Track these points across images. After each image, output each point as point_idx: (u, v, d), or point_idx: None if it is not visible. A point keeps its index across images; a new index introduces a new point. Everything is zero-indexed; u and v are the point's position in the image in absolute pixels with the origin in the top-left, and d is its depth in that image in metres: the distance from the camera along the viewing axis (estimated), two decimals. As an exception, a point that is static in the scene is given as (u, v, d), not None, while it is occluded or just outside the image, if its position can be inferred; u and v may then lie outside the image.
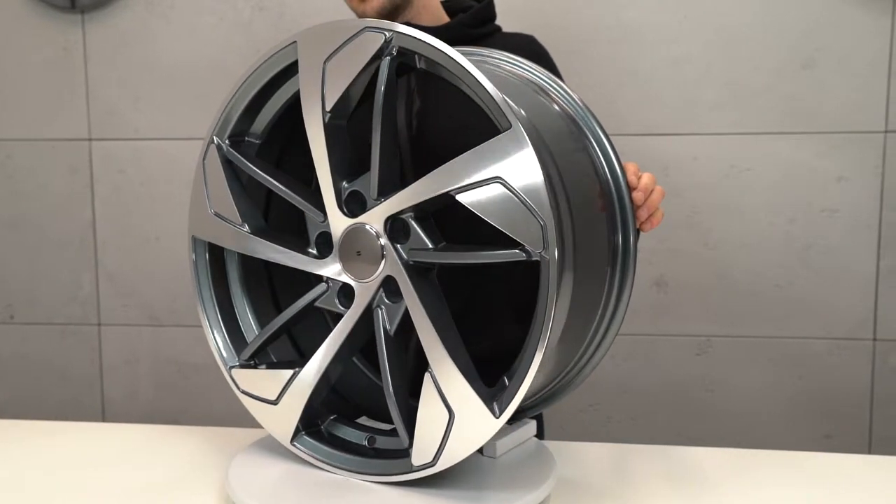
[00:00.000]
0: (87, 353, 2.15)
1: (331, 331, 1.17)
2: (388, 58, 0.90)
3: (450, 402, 0.88)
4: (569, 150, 0.96)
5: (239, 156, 1.05)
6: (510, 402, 0.85)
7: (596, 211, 0.96)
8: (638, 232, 1.02)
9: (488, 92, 0.83)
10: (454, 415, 0.88)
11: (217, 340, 1.09)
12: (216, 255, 1.12)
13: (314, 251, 1.01)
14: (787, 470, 1.09)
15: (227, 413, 2.13)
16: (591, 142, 1.02)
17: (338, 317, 1.00)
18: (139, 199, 2.08)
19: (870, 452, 1.93)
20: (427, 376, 0.89)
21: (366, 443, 1.03)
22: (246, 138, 1.08)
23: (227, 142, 1.06)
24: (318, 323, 1.14)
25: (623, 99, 1.90)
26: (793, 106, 1.86)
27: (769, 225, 1.90)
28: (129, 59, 2.03)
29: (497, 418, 0.85)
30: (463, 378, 0.87)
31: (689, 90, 1.89)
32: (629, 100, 1.89)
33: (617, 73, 1.90)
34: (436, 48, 0.87)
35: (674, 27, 1.87)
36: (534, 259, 0.82)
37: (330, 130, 0.95)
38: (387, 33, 0.89)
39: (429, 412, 0.90)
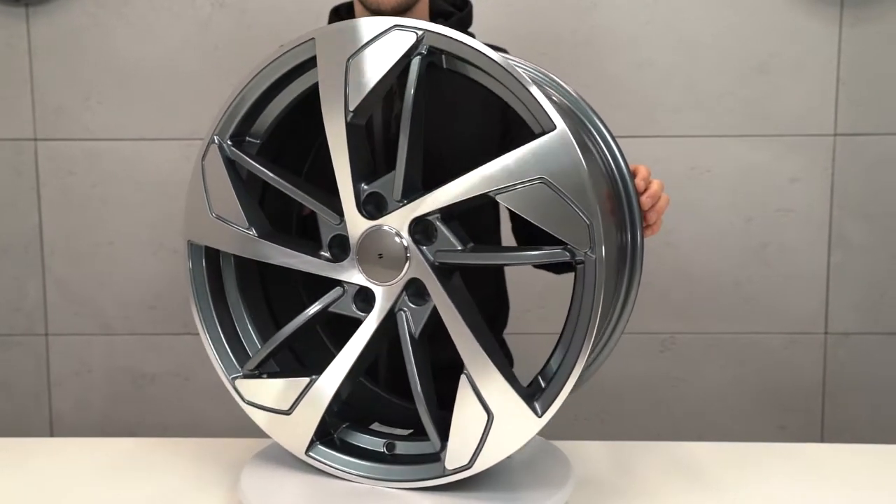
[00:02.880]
0: (34, 365, 2.04)
1: (321, 338, 1.15)
2: (418, 57, 0.89)
3: (489, 403, 0.87)
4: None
5: (246, 157, 1.02)
6: (553, 401, 0.85)
7: (607, 211, 0.97)
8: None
9: (531, 94, 0.83)
10: (493, 416, 0.87)
11: (217, 351, 1.05)
12: (213, 261, 1.08)
13: (327, 254, 0.99)
14: (793, 462, 1.14)
15: (185, 423, 2.06)
16: (597, 142, 1.04)
17: (338, 321, 0.98)
18: (90, 203, 1.98)
19: (822, 441, 2.02)
20: (463, 378, 0.88)
21: (384, 449, 1.01)
22: (247, 138, 1.05)
23: (228, 142, 1.02)
24: (309, 331, 1.11)
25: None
26: (749, 110, 1.93)
27: (728, 224, 1.97)
28: (79, 56, 1.93)
29: (539, 417, 0.86)
30: (503, 378, 0.86)
31: (652, 94, 1.94)
32: (593, 102, 1.91)
33: (581, 76, 1.92)
34: (474, 49, 0.87)
35: (637, 32, 1.92)
36: (578, 259, 0.82)
37: (351, 130, 0.94)
38: (418, 32, 0.88)
39: (465, 414, 0.89)
